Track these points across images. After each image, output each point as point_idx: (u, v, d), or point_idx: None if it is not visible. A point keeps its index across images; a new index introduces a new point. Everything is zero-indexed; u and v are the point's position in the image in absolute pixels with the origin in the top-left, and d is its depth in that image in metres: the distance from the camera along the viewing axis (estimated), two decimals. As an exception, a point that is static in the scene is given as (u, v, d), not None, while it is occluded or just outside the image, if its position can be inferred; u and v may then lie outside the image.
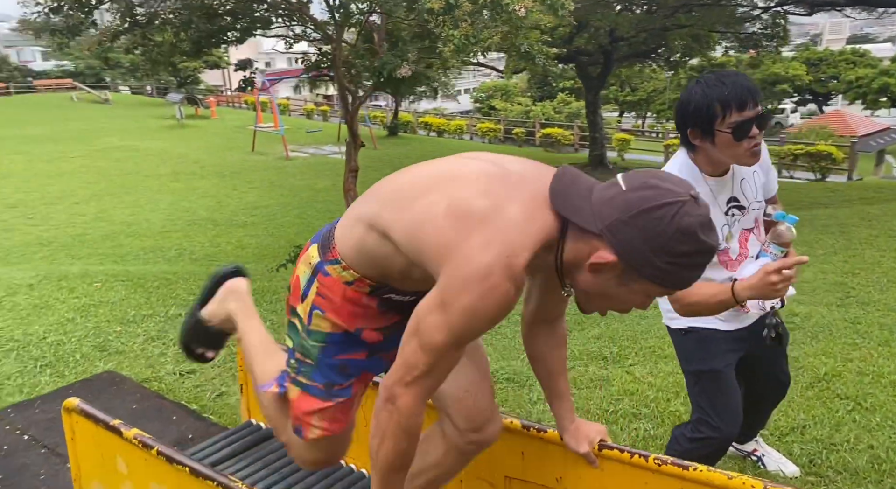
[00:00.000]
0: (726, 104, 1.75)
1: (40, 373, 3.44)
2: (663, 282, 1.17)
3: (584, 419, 1.63)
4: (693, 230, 1.11)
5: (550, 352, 1.57)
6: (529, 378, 3.41)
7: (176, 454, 1.60)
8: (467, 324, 1.20)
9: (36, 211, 11.55)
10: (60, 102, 29.77)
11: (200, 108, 25.80)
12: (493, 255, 1.15)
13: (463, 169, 1.31)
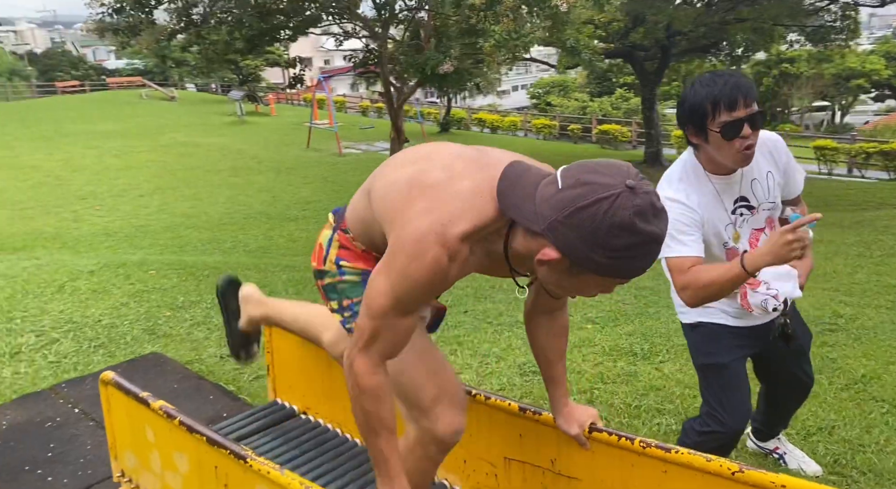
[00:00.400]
0: (716, 103, 1.76)
1: (94, 352, 3.68)
2: (610, 274, 1.16)
3: (579, 403, 1.68)
4: (628, 223, 1.09)
5: (549, 341, 1.64)
6: (556, 371, 3.44)
7: (195, 424, 1.72)
8: (403, 287, 1.25)
9: (104, 203, 12.14)
10: (130, 99, 31.10)
11: (260, 105, 26.58)
12: (429, 221, 1.22)
13: (442, 149, 1.40)
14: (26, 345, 3.75)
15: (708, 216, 1.95)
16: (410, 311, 1.32)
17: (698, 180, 1.96)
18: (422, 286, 1.25)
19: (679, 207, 1.92)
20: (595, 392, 3.21)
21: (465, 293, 4.93)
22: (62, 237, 9.58)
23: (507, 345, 3.80)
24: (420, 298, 1.30)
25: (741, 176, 1.95)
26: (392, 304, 1.28)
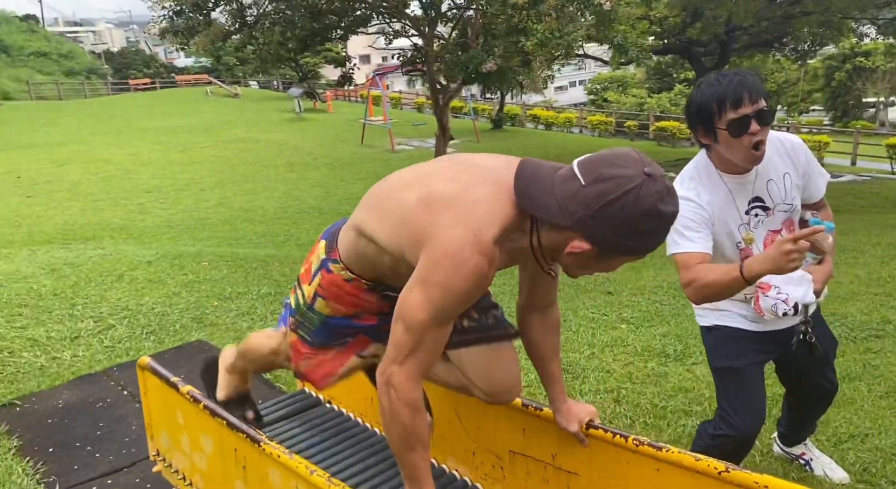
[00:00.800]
0: (722, 102, 1.77)
1: (145, 339, 3.91)
2: (635, 252, 1.27)
3: (576, 400, 1.72)
4: (655, 209, 1.20)
5: (542, 338, 1.67)
6: (585, 370, 3.47)
7: (218, 408, 1.84)
8: (444, 300, 1.29)
9: (167, 196, 12.67)
10: (196, 96, 32.25)
11: (318, 102, 27.12)
12: (461, 232, 1.26)
13: (432, 167, 1.45)
14: (85, 330, 4.01)
15: (719, 215, 1.96)
16: (449, 321, 1.36)
17: (710, 180, 1.96)
18: (465, 295, 1.30)
19: (688, 204, 1.94)
20: (622, 391, 3.22)
21: (501, 291, 4.97)
22: (128, 228, 10.06)
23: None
24: (460, 307, 1.35)
25: (756, 176, 1.94)
26: (432, 318, 1.31)
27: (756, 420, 2.03)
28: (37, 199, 12.09)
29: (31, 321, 4.15)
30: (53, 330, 4.00)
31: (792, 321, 2.06)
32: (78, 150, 17.50)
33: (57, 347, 3.77)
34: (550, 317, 1.66)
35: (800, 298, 1.90)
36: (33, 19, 49.60)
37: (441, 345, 1.39)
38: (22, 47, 42.06)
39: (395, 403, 1.36)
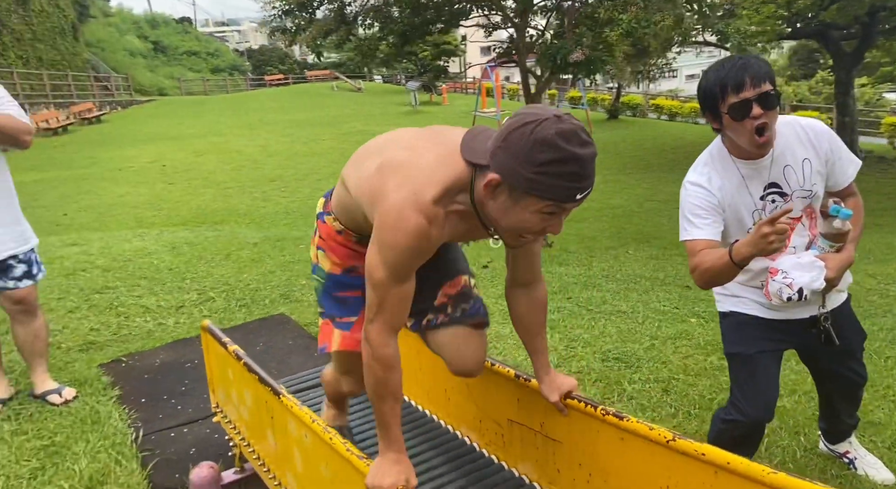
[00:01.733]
0: (724, 86, 1.80)
1: (238, 310, 4.34)
2: (539, 192, 1.26)
3: (562, 373, 1.78)
4: (549, 139, 1.22)
5: (528, 314, 1.74)
6: (640, 360, 3.47)
7: (253, 365, 2.09)
8: (395, 258, 1.40)
9: (288, 185, 13.54)
10: (323, 91, 33.97)
11: (434, 95, 27.68)
12: (403, 193, 1.37)
13: (403, 134, 1.59)
14: (189, 301, 4.51)
15: (730, 201, 1.96)
16: (405, 278, 1.46)
17: (724, 165, 1.97)
18: (409, 252, 1.40)
19: (697, 190, 1.97)
20: (673, 382, 3.20)
21: (575, 281, 5.00)
22: (251, 214, 10.90)
23: (600, 333, 3.86)
24: (410, 264, 1.44)
25: (771, 161, 1.93)
26: (388, 275, 1.42)
27: (764, 407, 2.01)
28: (176, 185, 13.35)
29: (147, 291, 4.73)
30: (163, 299, 4.54)
31: (810, 310, 2.02)
32: (215, 141, 19.06)
33: (164, 314, 4.28)
34: (536, 293, 1.73)
35: (805, 284, 1.87)
36: (187, 21, 54.20)
37: (405, 303, 1.49)
38: (176, 47, 46.12)
39: (368, 359, 1.50)
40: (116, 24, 42.44)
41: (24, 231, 3.05)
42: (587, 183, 1.27)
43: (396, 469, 1.51)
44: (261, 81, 42.74)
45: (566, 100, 27.29)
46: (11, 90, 23.04)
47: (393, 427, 1.56)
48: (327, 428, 1.66)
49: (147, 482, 2.54)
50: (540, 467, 1.87)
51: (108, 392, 3.24)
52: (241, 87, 42.93)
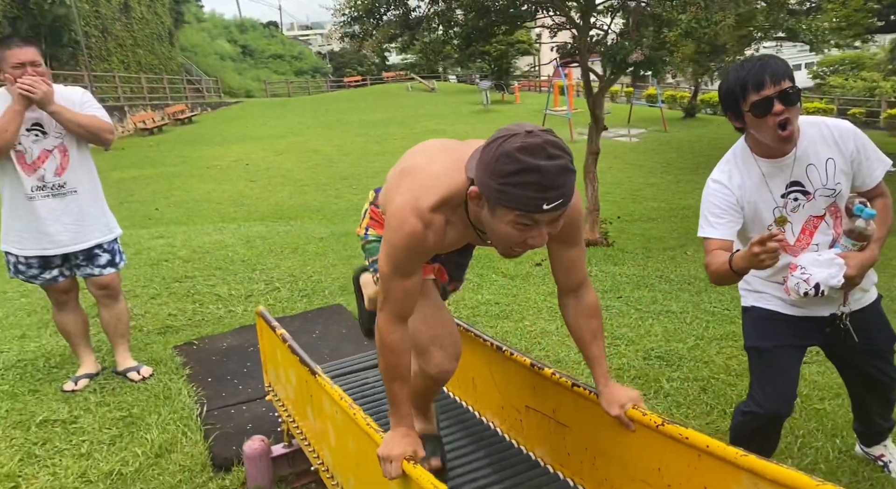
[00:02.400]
0: (744, 86, 1.86)
1: (299, 300, 4.62)
2: (508, 203, 1.32)
3: (619, 383, 1.75)
4: (512, 152, 1.28)
5: (578, 321, 1.75)
6: (682, 358, 3.50)
7: (296, 347, 2.30)
8: (393, 253, 1.52)
9: (360, 182, 13.96)
10: (398, 91, 34.58)
11: (506, 94, 27.66)
12: (405, 198, 1.49)
13: (434, 142, 1.71)
14: (257, 290, 4.84)
15: (749, 198, 2.02)
16: (408, 274, 1.56)
17: (745, 163, 2.03)
18: (405, 251, 1.50)
19: (717, 188, 2.04)
20: (712, 381, 3.22)
21: (628, 281, 5.01)
22: (323, 210, 11.34)
23: (645, 332, 3.89)
24: (409, 261, 1.54)
25: (794, 160, 1.98)
26: (391, 269, 1.54)
27: (781, 400, 2.05)
28: (257, 183, 14.01)
29: (220, 281, 5.09)
30: (234, 289, 4.88)
31: (832, 308, 2.05)
32: (294, 141, 19.83)
33: (234, 302, 4.62)
34: (584, 300, 1.73)
35: (822, 280, 1.90)
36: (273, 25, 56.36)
37: (409, 296, 1.60)
38: (263, 51, 48.03)
39: (379, 343, 1.64)
40: (208, 29, 44.60)
41: (109, 222, 3.38)
42: (553, 194, 1.30)
43: (405, 441, 1.60)
44: (340, 83, 43.98)
45: (643, 98, 26.71)
46: (113, 92, 24.83)
47: (403, 404, 1.68)
48: (353, 404, 1.84)
49: (208, 452, 2.81)
50: (553, 450, 1.99)
51: (180, 371, 3.56)
52: (322, 88, 44.28)
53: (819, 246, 2.03)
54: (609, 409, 1.65)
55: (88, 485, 2.62)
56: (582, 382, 1.81)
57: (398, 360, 1.64)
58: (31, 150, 3.11)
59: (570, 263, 1.70)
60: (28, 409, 3.17)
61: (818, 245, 2.03)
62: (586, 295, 1.74)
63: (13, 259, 3.28)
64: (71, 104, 3.16)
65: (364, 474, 1.85)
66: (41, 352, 3.87)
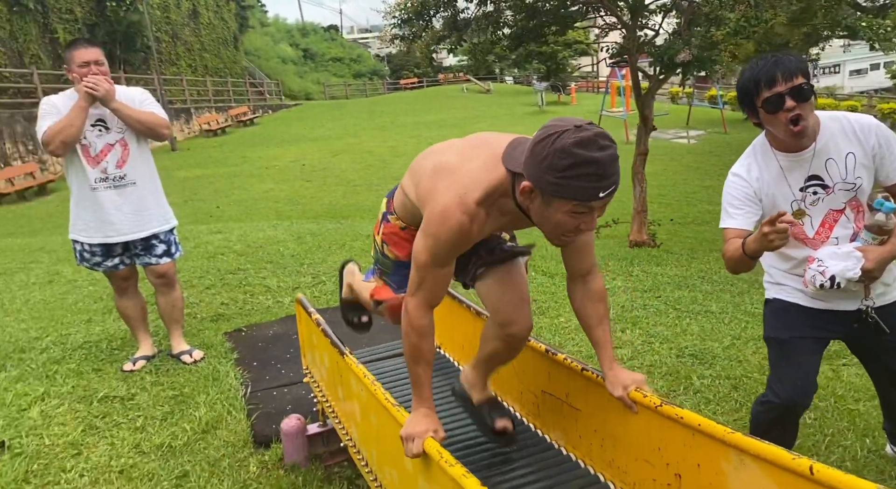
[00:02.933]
0: (757, 82, 1.91)
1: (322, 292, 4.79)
2: (565, 194, 1.40)
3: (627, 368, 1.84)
4: (567, 147, 1.36)
5: (585, 306, 1.83)
6: (716, 357, 3.50)
7: (328, 330, 2.44)
8: (437, 247, 1.62)
9: (412, 183, 14.20)
10: (454, 93, 34.83)
11: (562, 95, 27.50)
12: (451, 195, 1.58)
13: (455, 142, 1.79)
14: (304, 283, 5.05)
15: (767, 191, 2.06)
16: (445, 264, 1.67)
17: (764, 156, 2.07)
18: (452, 244, 1.60)
19: (736, 180, 2.09)
20: (744, 380, 3.22)
21: (669, 281, 4.99)
22: (374, 210, 11.40)
23: (681, 330, 3.90)
24: (450, 253, 1.65)
25: (813, 154, 2.00)
26: (430, 259, 1.63)
27: (797, 390, 2.06)
28: (313, 183, 14.42)
29: (270, 274, 5.33)
30: (283, 281, 5.10)
31: (855, 302, 2.05)
32: (350, 142, 20.26)
33: (281, 294, 4.83)
34: (592, 286, 1.81)
35: (838, 272, 1.93)
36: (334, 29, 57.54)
37: (443, 284, 1.71)
38: (323, 54, 49.11)
39: (407, 327, 1.72)
40: (271, 34, 45.90)
41: (166, 213, 3.62)
42: (608, 182, 1.39)
43: (426, 421, 1.68)
44: (397, 85, 44.56)
45: (705, 99, 26.10)
46: (180, 95, 25.89)
47: (425, 386, 1.76)
48: (374, 382, 1.97)
49: (250, 430, 2.99)
50: (566, 434, 2.06)
51: (228, 355, 3.77)
52: (379, 90, 45.00)
53: (839, 239, 2.04)
54: (613, 391, 1.71)
55: (141, 455, 2.83)
56: (591, 367, 1.88)
57: (423, 343, 1.72)
58: (94, 143, 3.37)
59: (581, 249, 1.76)
60: (91, 386, 3.43)
61: (838, 238, 2.04)
62: (594, 281, 1.81)
63: (79, 247, 3.55)
64: (131, 102, 3.41)
65: (385, 448, 1.97)
66: (105, 335, 4.16)
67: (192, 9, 28.97)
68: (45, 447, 2.87)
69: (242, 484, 2.64)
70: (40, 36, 19.25)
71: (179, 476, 2.69)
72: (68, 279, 5.64)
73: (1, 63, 17.68)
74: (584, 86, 34.78)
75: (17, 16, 18.35)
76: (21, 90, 17.50)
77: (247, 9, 37.79)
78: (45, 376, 3.54)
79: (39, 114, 3.32)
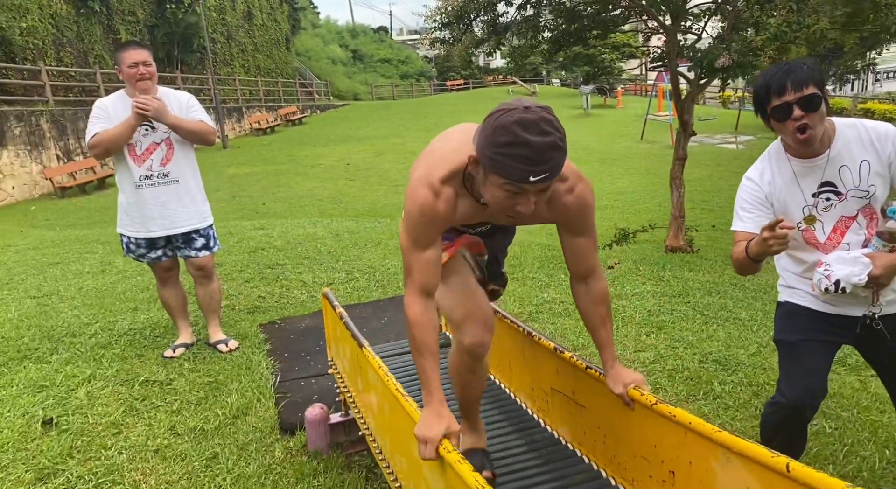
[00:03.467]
0: (767, 90, 1.95)
1: (374, 289, 4.92)
2: (497, 170, 1.43)
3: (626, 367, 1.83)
4: (509, 125, 1.38)
5: (588, 307, 1.84)
6: (740, 364, 3.48)
7: (350, 323, 2.54)
8: (409, 224, 1.65)
9: (453, 184, 14.29)
10: (499, 95, 34.74)
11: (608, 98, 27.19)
12: (420, 173, 1.65)
13: (457, 127, 1.82)
14: (338, 279, 5.19)
15: (779, 195, 2.09)
16: (425, 245, 1.66)
17: (778, 161, 2.10)
18: (420, 220, 1.62)
19: (748, 184, 2.14)
20: (766, 387, 3.21)
21: (700, 287, 4.95)
22: (414, 210, 11.73)
23: (707, 336, 3.89)
24: (425, 231, 1.65)
25: (827, 161, 2.02)
26: (408, 241, 1.66)
27: (804, 392, 2.07)
28: (356, 182, 14.66)
29: (307, 269, 5.50)
30: (318, 277, 5.26)
31: (863, 308, 2.06)
32: (394, 142, 20.49)
33: (315, 289, 4.99)
34: (594, 287, 1.83)
35: (843, 276, 1.94)
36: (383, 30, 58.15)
37: (430, 268, 1.68)
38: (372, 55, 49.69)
39: (407, 319, 1.71)
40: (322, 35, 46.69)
41: (205, 210, 3.80)
42: (540, 168, 1.40)
43: (438, 420, 1.64)
44: (443, 86, 44.78)
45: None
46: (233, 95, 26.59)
47: (432, 380, 1.69)
48: (388, 373, 2.06)
49: (277, 417, 3.13)
50: (572, 429, 2.13)
51: (262, 346, 3.93)
52: (426, 91, 45.28)
53: (850, 245, 2.05)
54: (613, 388, 1.74)
55: (176, 437, 3.00)
56: (594, 365, 1.94)
57: (425, 335, 1.70)
58: (140, 142, 3.57)
59: (578, 251, 1.79)
60: (133, 370, 3.63)
61: (849, 244, 2.05)
62: (595, 283, 1.83)
63: (125, 240, 3.75)
64: (178, 105, 3.59)
65: (395, 436, 2.07)
66: (149, 323, 4.38)
67: (247, 11, 29.74)
68: (88, 425, 3.06)
69: (267, 467, 2.77)
70: (104, 37, 20.09)
71: (209, 457, 2.83)
72: (119, 269, 5.92)
73: (68, 62, 18.52)
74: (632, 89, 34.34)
75: (83, 17, 19.20)
76: (85, 88, 18.30)
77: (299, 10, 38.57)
78: (93, 360, 3.76)
79: (91, 116, 3.53)
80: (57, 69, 17.55)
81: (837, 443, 2.71)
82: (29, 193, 14.74)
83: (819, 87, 1.92)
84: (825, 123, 1.99)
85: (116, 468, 2.73)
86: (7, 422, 3.08)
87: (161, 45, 22.81)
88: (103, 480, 2.66)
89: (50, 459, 2.78)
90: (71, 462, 2.79)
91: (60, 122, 15.95)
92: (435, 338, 1.73)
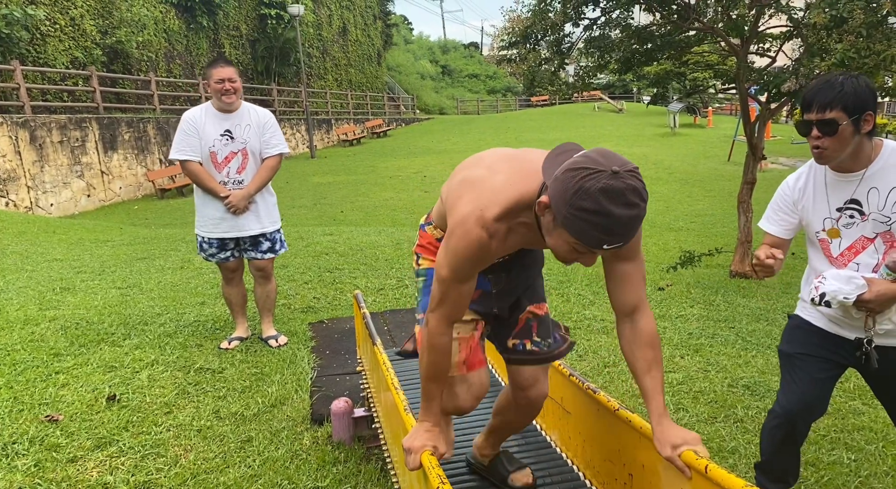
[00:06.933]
0: (802, 100, 2.01)
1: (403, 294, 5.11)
2: (569, 229, 1.35)
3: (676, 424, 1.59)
4: (593, 192, 1.28)
5: (632, 350, 1.64)
6: (770, 391, 3.44)
7: (370, 323, 2.74)
8: (455, 261, 1.57)
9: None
10: (584, 112, 34.53)
11: (698, 118, 26.40)
12: (470, 209, 1.54)
13: (489, 153, 1.73)
14: (388, 285, 5.43)
15: (806, 203, 2.12)
16: (466, 279, 1.62)
17: (817, 170, 2.13)
18: (469, 259, 1.56)
19: (783, 187, 2.20)
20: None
21: (748, 313, 4.85)
22: (484, 224, 11.88)
23: (743, 362, 3.84)
24: (470, 268, 1.60)
25: (861, 179, 2.01)
26: (450, 274, 1.59)
27: (798, 402, 2.11)
28: (430, 193, 14.99)
29: (362, 274, 5.77)
30: (371, 282, 5.52)
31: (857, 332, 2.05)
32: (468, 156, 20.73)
33: (367, 293, 5.24)
34: (640, 326, 1.64)
35: (830, 291, 1.96)
36: (474, 46, 58.93)
37: (463, 300, 1.66)
38: (461, 70, 50.48)
39: (426, 343, 1.70)
40: (413, 50, 47.89)
41: (274, 215, 4.11)
42: (616, 238, 1.32)
43: (427, 436, 1.71)
44: (528, 102, 44.86)
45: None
46: (324, 107, 27.75)
47: (434, 401, 1.76)
48: (390, 369, 2.24)
49: (309, 408, 3.36)
50: (560, 434, 2.23)
51: (307, 343, 4.20)
52: (511, 107, 45.48)
53: (860, 266, 2.03)
54: (661, 450, 1.53)
55: (218, 420, 3.28)
56: (577, 373, 2.05)
57: (441, 361, 1.71)
58: (221, 151, 3.92)
59: (623, 278, 1.64)
60: (191, 358, 3.97)
61: (859, 265, 2.04)
62: (643, 320, 1.64)
63: (200, 240, 4.11)
64: (257, 120, 3.92)
65: (394, 431, 2.23)
66: (212, 316, 4.75)
67: (342, 27, 31.02)
68: (145, 404, 3.40)
69: (294, 453, 3.00)
70: (209, 50, 21.55)
71: (244, 440, 3.09)
72: (196, 266, 6.41)
73: (177, 74, 19.99)
74: (727, 109, 33.20)
75: (192, 32, 20.69)
76: (189, 98, 19.68)
77: (392, 27, 39.77)
78: (158, 346, 4.14)
79: (179, 129, 3.89)
80: (165, 80, 18.96)
81: (853, 473, 2.66)
82: (133, 194, 16.01)
83: (848, 111, 1.90)
84: (866, 143, 1.96)
85: (162, 443, 3.03)
86: (79, 395, 3.46)
87: (260, 59, 24.21)
88: (149, 452, 2.96)
89: (108, 430, 3.12)
90: (125, 434, 3.11)
91: (164, 128, 17.24)
92: (449, 364, 1.77)
